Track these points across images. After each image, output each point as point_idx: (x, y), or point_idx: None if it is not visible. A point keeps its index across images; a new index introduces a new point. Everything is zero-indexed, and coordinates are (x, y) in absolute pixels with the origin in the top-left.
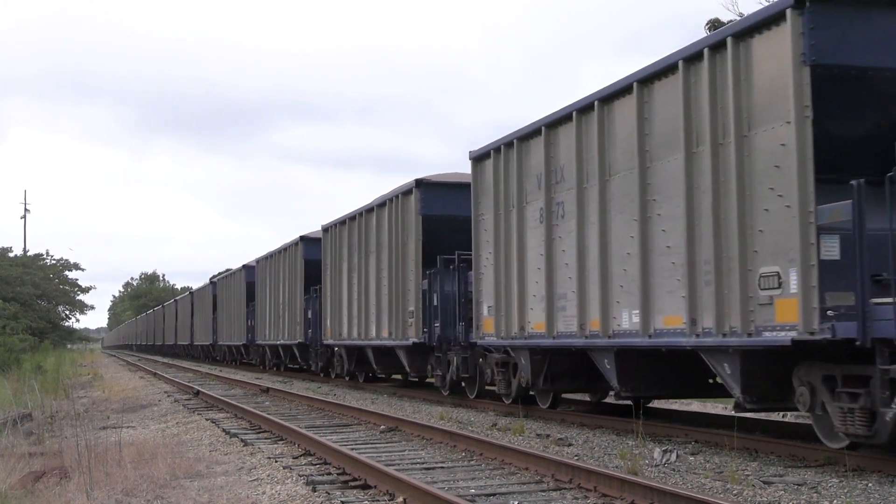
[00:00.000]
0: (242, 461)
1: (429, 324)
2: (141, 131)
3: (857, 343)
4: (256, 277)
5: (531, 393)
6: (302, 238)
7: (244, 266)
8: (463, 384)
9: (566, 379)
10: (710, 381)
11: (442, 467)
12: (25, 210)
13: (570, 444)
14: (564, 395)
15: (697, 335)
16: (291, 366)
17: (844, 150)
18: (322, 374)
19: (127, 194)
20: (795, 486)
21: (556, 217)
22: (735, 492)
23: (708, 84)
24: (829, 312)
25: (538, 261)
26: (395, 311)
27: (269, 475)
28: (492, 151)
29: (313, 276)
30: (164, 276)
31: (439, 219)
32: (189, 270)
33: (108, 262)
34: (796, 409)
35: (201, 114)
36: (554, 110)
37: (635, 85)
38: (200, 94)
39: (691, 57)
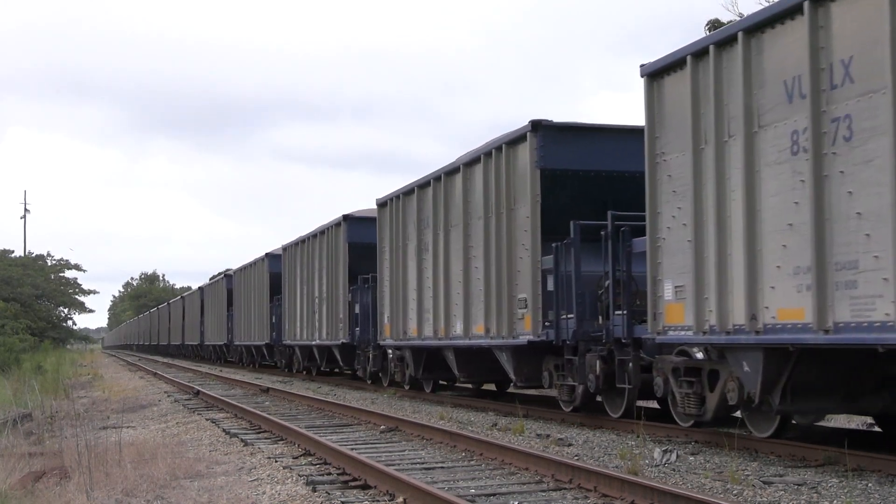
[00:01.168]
0: (242, 461)
1: (555, 317)
2: (137, 131)
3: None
4: (284, 267)
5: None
6: (345, 217)
7: (267, 255)
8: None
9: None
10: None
11: (442, 467)
12: (25, 210)
13: (570, 444)
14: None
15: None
16: (327, 369)
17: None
18: (370, 381)
19: (124, 194)
20: (795, 486)
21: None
22: (735, 492)
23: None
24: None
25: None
26: (499, 302)
27: (269, 475)
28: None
29: (361, 263)
30: (163, 276)
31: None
32: (188, 270)
33: (107, 262)
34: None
35: (198, 113)
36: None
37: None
38: (197, 94)
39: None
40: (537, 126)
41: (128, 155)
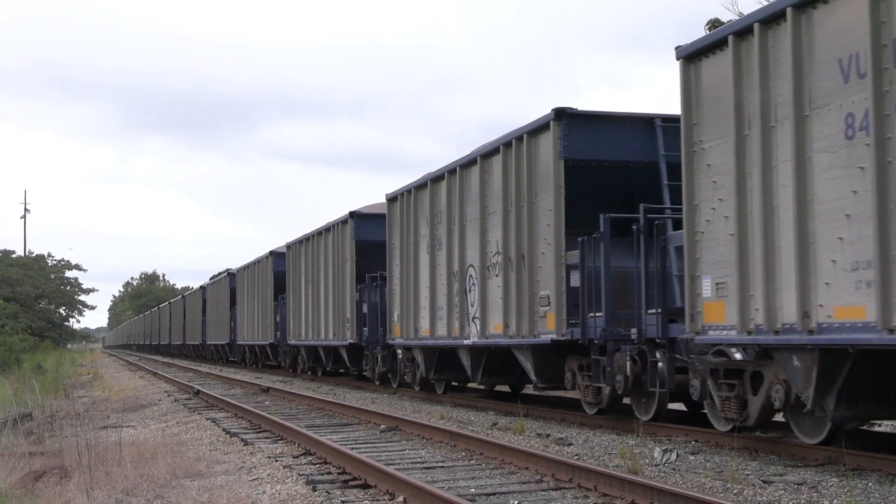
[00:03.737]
0: (242, 461)
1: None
2: (128, 128)
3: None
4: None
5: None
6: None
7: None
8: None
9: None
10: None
11: (442, 467)
12: (25, 210)
13: (570, 444)
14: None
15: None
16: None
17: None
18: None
19: (116, 192)
20: (795, 486)
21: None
22: (735, 491)
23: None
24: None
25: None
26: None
27: (269, 474)
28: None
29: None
30: (164, 275)
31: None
32: (188, 270)
33: (104, 262)
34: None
35: (189, 111)
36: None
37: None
38: (188, 91)
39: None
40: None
41: (119, 153)
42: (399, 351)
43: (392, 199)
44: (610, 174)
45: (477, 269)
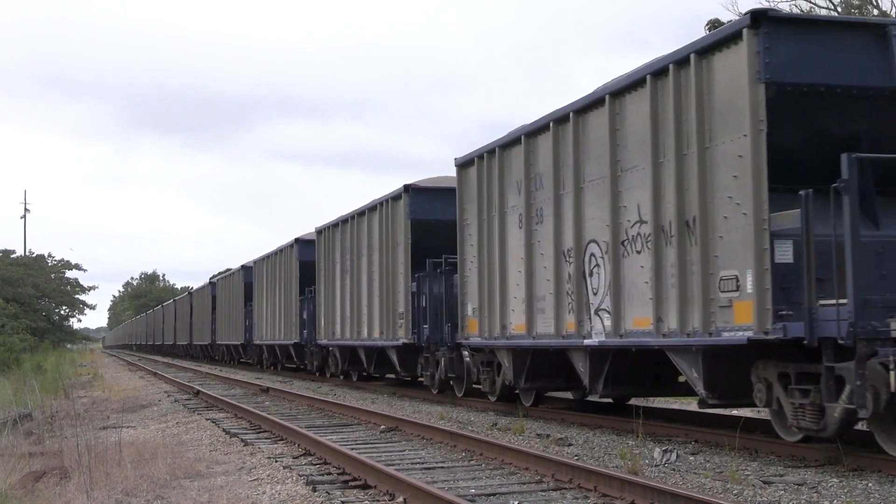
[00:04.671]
0: (242, 461)
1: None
2: (126, 128)
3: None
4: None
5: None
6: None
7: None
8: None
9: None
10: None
11: (442, 467)
12: (25, 210)
13: (570, 444)
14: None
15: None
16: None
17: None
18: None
19: (115, 192)
20: (795, 486)
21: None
22: (735, 492)
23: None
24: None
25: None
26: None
27: (269, 475)
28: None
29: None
30: (164, 275)
31: None
32: (188, 270)
33: (104, 262)
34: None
35: (189, 111)
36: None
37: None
38: (187, 91)
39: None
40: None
41: (118, 153)
42: (467, 353)
43: (465, 164)
44: (828, 106)
45: (603, 245)
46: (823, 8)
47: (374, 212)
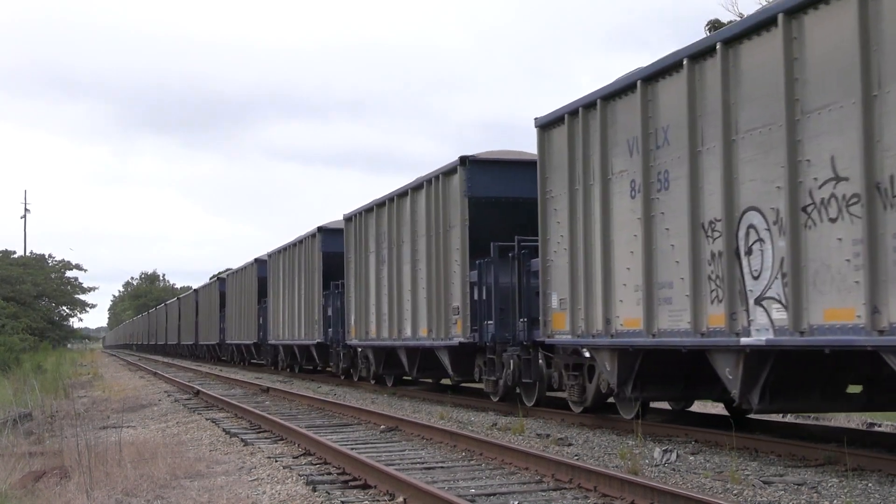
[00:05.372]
0: (242, 461)
1: None
2: (126, 128)
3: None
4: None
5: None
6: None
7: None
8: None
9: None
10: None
11: (442, 467)
12: (25, 210)
13: (570, 444)
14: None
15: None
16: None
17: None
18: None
19: (115, 192)
20: (795, 486)
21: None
22: (735, 492)
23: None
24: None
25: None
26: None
27: (269, 475)
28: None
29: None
30: (164, 275)
31: None
32: (188, 270)
33: (104, 262)
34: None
35: (188, 110)
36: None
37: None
38: (186, 91)
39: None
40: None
41: (117, 153)
42: (541, 355)
43: (549, 123)
44: None
45: (771, 213)
46: None
47: (418, 191)
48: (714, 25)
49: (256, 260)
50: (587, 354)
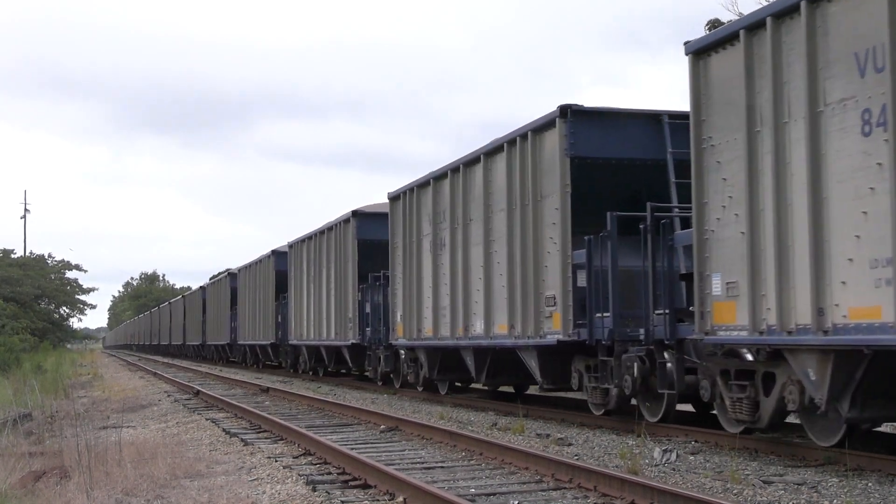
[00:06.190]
0: (242, 461)
1: None
2: (125, 128)
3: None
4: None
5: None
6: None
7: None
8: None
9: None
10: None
11: (442, 467)
12: (25, 210)
13: (570, 444)
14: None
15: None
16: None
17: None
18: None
19: (113, 192)
20: (795, 486)
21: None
22: (735, 492)
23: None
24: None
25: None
26: None
27: (269, 475)
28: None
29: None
30: (164, 275)
31: None
32: (188, 270)
33: (104, 262)
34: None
35: (186, 110)
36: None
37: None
38: (185, 90)
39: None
40: None
41: (116, 153)
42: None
43: (709, 47)
44: None
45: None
46: None
47: (494, 156)
48: (714, 25)
49: (274, 252)
50: (749, 357)
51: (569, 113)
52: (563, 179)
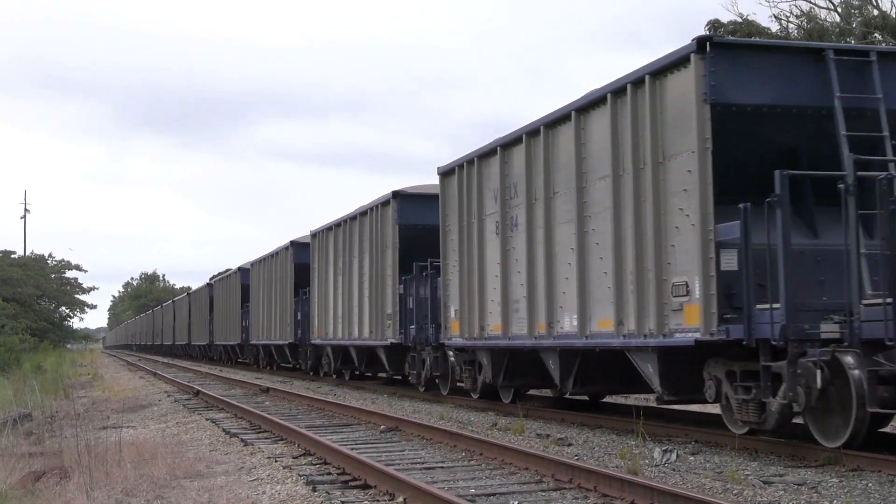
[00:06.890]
0: (242, 461)
1: None
2: (124, 128)
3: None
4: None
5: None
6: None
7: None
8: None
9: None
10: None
11: (442, 467)
12: (25, 210)
13: (570, 444)
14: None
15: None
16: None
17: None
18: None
19: (111, 192)
20: (795, 486)
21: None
22: (735, 492)
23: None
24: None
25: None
26: None
27: (269, 475)
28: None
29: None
30: (164, 275)
31: None
32: (188, 270)
33: (104, 262)
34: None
35: (185, 110)
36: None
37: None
38: (183, 90)
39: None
40: None
41: (115, 152)
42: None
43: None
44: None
45: None
46: (823, 8)
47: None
48: (714, 25)
49: (293, 242)
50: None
51: (708, 46)
52: (702, 133)
